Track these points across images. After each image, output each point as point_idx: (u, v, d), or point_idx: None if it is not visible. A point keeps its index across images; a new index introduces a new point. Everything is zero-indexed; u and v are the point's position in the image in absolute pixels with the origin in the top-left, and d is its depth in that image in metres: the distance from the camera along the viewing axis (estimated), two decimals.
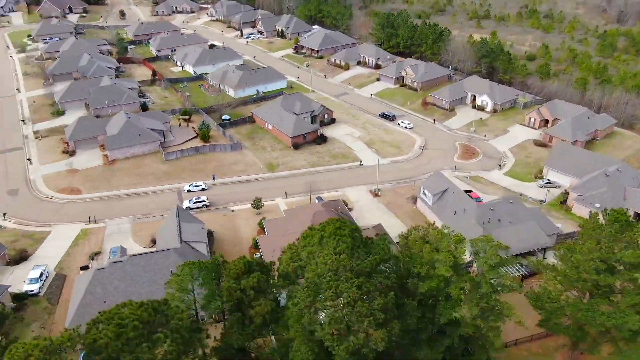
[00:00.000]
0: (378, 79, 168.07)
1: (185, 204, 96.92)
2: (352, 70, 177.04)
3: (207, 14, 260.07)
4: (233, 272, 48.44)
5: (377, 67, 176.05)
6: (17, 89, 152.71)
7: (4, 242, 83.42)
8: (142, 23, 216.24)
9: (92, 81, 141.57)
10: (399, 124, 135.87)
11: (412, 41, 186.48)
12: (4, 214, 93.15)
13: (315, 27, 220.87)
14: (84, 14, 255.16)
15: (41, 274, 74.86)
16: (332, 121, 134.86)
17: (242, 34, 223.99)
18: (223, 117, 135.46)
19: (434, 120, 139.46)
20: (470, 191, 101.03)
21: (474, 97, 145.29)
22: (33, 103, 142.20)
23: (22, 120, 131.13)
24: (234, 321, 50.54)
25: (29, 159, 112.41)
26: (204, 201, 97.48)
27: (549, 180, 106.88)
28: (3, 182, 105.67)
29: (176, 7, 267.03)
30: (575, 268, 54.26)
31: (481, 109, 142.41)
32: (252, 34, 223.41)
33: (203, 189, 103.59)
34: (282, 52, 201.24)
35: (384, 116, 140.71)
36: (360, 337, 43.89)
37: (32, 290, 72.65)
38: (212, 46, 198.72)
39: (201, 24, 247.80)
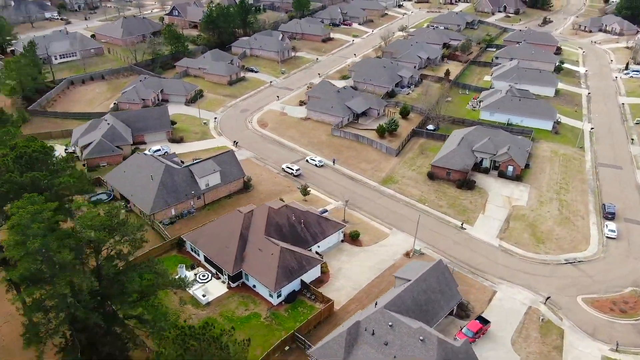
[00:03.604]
0: None
1: (284, 165, 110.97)
2: None
3: (631, 41, 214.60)
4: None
5: None
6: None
7: (192, 131, 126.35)
8: (520, 30, 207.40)
9: (383, 62, 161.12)
10: (605, 226, 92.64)
11: None
12: (235, 142, 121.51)
13: None
14: (509, 15, 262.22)
15: (159, 149, 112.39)
16: (516, 177, 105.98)
17: (626, 68, 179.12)
18: (428, 127, 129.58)
19: None
20: (484, 321, 68.40)
21: None
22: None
23: (318, 73, 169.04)
24: None
25: (277, 96, 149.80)
26: (292, 170, 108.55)
27: None
28: (253, 105, 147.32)
29: (605, 26, 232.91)
30: None
31: None
32: (638, 71, 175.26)
33: (315, 165, 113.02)
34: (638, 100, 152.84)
35: (603, 207, 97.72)
36: None
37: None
38: (559, 69, 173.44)
39: (607, 48, 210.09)
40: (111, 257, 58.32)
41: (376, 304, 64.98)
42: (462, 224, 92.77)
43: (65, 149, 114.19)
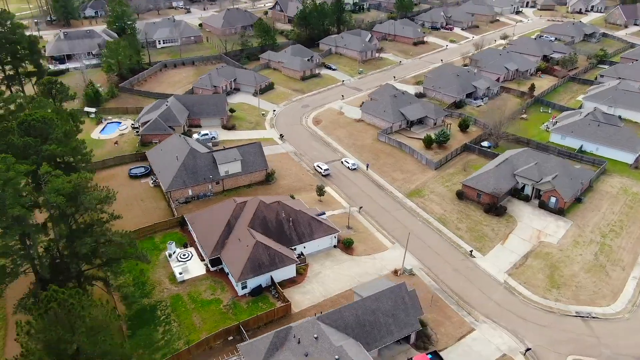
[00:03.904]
0: None
1: (315, 164, 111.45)
2: None
3: None
4: None
5: None
6: (441, 60, 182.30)
7: (248, 120, 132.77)
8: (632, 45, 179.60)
9: (458, 70, 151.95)
10: None
11: None
12: (281, 136, 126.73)
13: None
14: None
15: (207, 134, 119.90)
16: (558, 211, 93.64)
17: None
18: (482, 143, 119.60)
19: None
20: (438, 358, 62.85)
21: None
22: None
23: (394, 76, 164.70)
24: None
25: (342, 95, 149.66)
26: (322, 170, 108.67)
27: None
28: (317, 101, 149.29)
29: None
30: None
31: None
32: None
33: (348, 167, 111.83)
34: None
35: None
36: None
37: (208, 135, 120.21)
38: None
39: None
40: (89, 223, 65.32)
41: (320, 314, 63.62)
42: (471, 252, 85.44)
43: (132, 124, 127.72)
